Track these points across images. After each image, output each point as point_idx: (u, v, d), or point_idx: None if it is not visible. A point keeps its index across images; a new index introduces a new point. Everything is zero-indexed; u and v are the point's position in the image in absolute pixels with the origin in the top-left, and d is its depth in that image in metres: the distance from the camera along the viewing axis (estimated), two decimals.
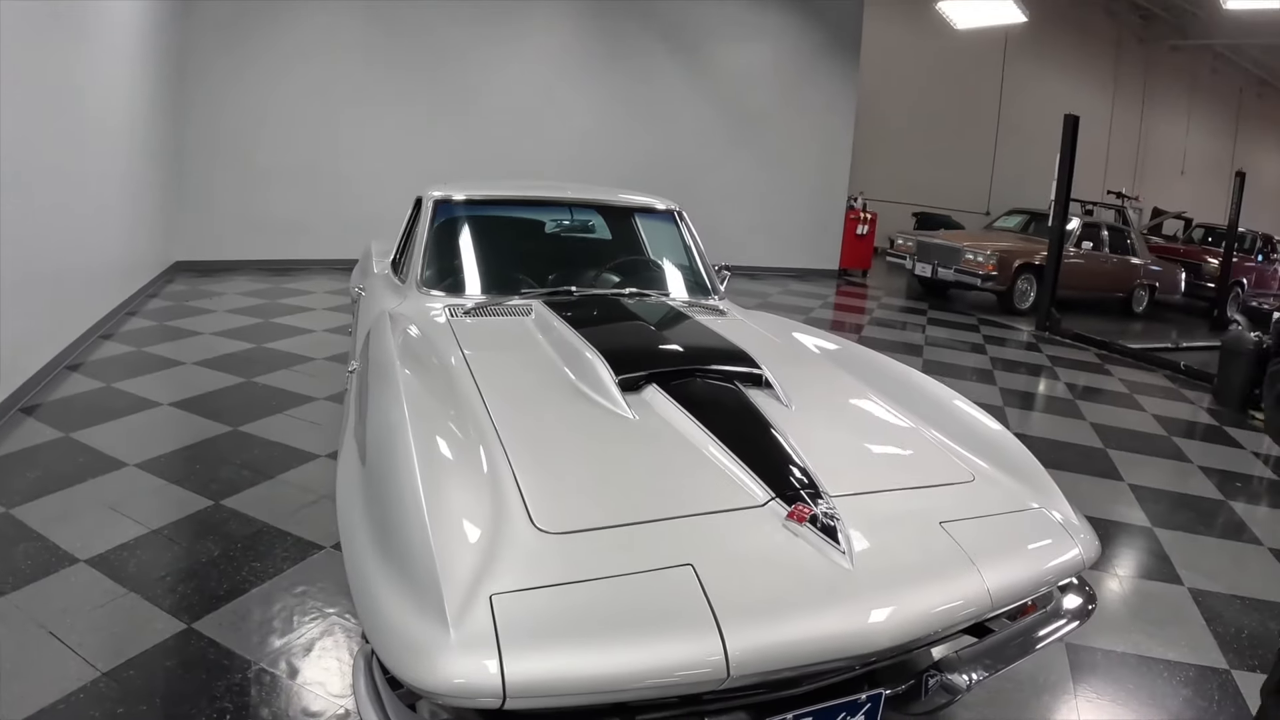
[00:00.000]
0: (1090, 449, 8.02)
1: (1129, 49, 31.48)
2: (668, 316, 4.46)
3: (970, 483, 3.05)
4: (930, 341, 12.23)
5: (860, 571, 2.35)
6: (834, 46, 17.83)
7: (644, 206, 5.67)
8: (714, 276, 5.45)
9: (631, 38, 15.47)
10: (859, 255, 18.44)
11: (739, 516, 2.53)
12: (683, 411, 3.08)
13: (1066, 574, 2.80)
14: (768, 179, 17.18)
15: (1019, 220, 18.56)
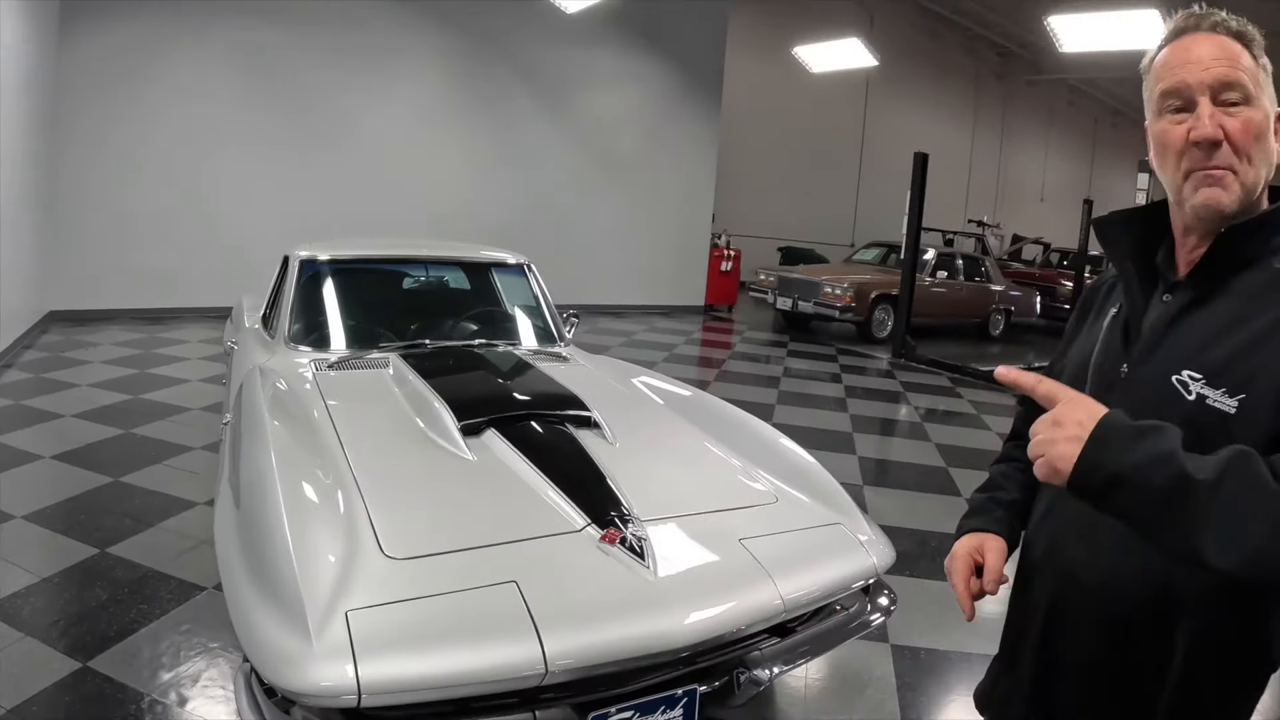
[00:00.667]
0: (932, 468, 8.45)
1: (988, 84, 32.62)
2: (512, 365, 4.84)
3: (773, 504, 3.50)
4: (789, 373, 12.61)
5: (663, 583, 2.78)
6: (697, 89, 18.29)
7: (496, 261, 6.04)
8: (560, 324, 5.81)
9: (500, 83, 15.65)
10: (724, 291, 18.84)
11: (559, 540, 2.95)
12: (516, 452, 3.49)
13: (857, 580, 3.25)
14: (635, 219, 17.47)
15: (877, 252, 19.20)
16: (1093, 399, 1.42)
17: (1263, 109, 1.55)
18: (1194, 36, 1.58)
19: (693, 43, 17.96)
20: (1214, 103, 1.54)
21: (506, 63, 15.65)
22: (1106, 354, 1.73)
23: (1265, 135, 1.55)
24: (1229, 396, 1.46)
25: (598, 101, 17.02)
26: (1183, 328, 1.59)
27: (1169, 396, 1.52)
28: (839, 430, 9.51)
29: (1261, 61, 1.58)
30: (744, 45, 21.27)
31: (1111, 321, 1.77)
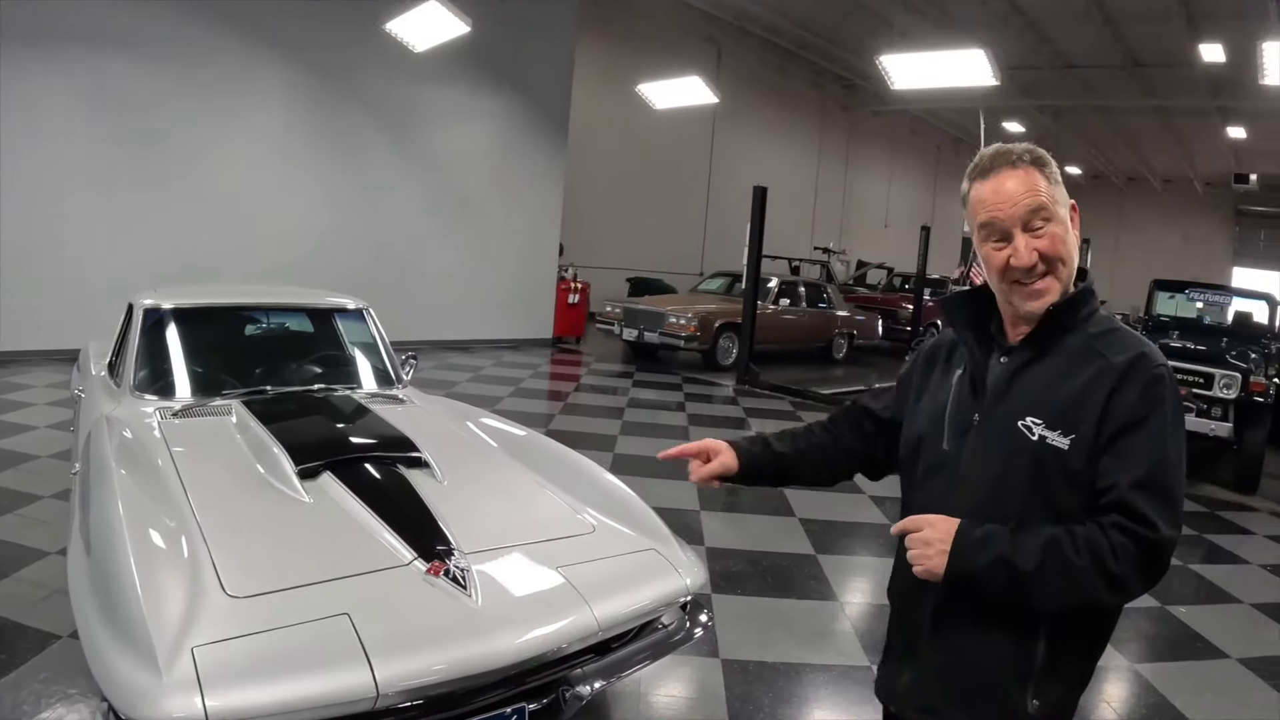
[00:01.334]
0: (768, 491, 8.62)
1: (833, 115, 33.52)
2: (349, 410, 5.04)
3: (591, 534, 3.82)
4: (634, 403, 12.84)
5: (485, 610, 3.06)
6: (544, 124, 18.48)
7: (336, 307, 6.23)
8: (398, 367, 6.02)
9: (349, 118, 15.55)
10: (571, 323, 19.00)
11: (388, 574, 3.22)
12: (350, 493, 3.73)
13: (669, 600, 3.59)
14: (483, 252, 17.54)
15: (722, 282, 19.65)
16: (944, 516, 1.96)
17: (1063, 219, 2.01)
18: (1000, 174, 2.02)
19: (540, 79, 18.17)
20: (1025, 230, 1.99)
21: (356, 98, 15.59)
22: (959, 405, 2.16)
23: (1067, 237, 2.01)
24: (1063, 436, 1.95)
25: (446, 137, 17.07)
26: (1021, 383, 2.05)
27: (1017, 437, 2.00)
28: None
29: (1056, 178, 2.04)
30: (591, 79, 21.57)
31: (960, 378, 2.19)
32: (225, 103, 14.02)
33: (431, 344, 15.52)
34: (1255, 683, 5.55)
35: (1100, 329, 2.05)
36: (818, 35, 26.13)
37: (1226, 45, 21.03)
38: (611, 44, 23.20)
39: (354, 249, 15.44)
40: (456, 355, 15.63)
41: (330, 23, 14.79)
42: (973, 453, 2.08)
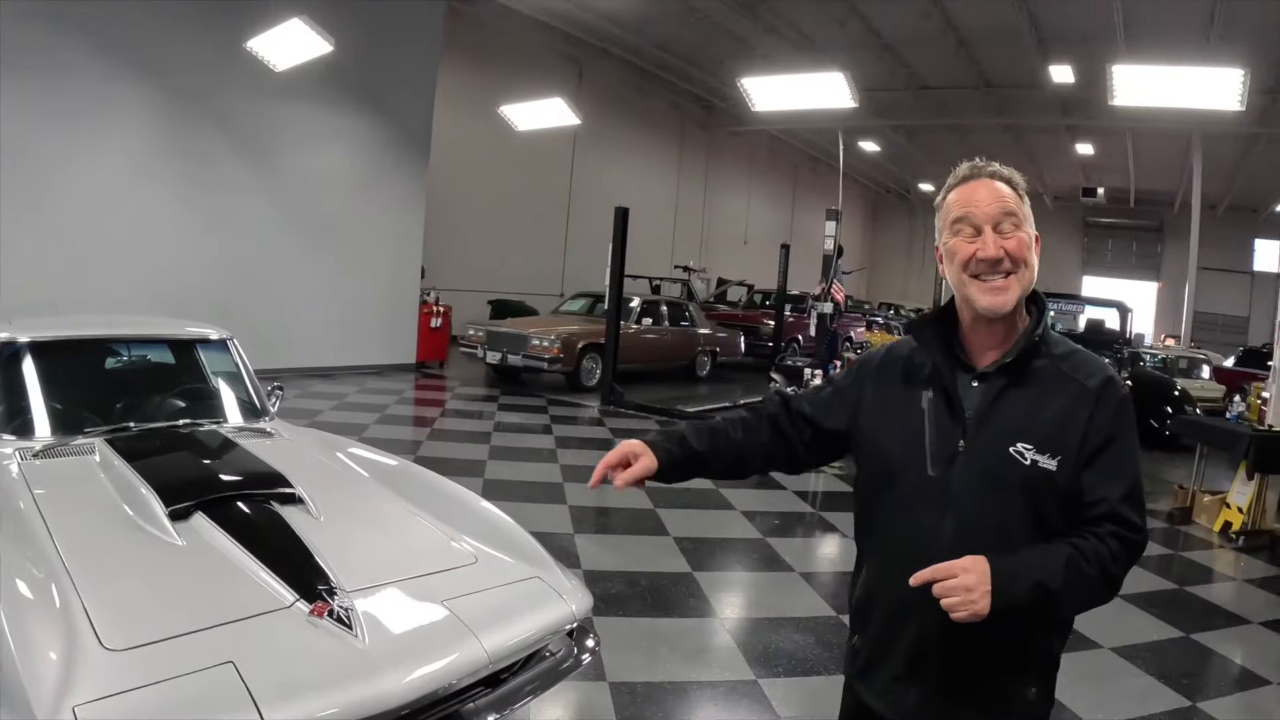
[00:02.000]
0: (641, 511, 8.82)
1: (693, 135, 33.84)
2: (217, 445, 4.88)
3: (472, 565, 3.77)
4: (501, 427, 12.80)
5: (372, 649, 3.00)
6: (405, 146, 18.24)
7: (198, 337, 6.03)
8: (264, 398, 5.87)
9: (209, 140, 15.04)
10: (435, 348, 18.82)
11: (270, 618, 3.10)
12: (224, 534, 3.59)
13: (559, 627, 3.58)
14: (345, 277, 17.17)
15: (584, 303, 19.77)
16: (972, 558, 1.99)
17: (1028, 234, 2.20)
18: (978, 182, 2.23)
19: (402, 100, 17.93)
20: (994, 231, 2.16)
21: (217, 119, 15.13)
22: (939, 434, 2.23)
23: (1031, 250, 2.20)
24: (1051, 458, 2.10)
25: (308, 159, 16.71)
26: (1003, 408, 2.17)
27: (1009, 462, 2.12)
28: (550, 481, 9.80)
29: (1026, 200, 2.25)
30: (454, 101, 21.35)
31: (931, 401, 2.26)
32: (82, 122, 13.45)
33: (294, 372, 15.17)
34: (1129, 669, 5.87)
35: (1061, 350, 2.24)
36: (678, 56, 26.40)
37: (1075, 66, 21.83)
38: (473, 65, 23.06)
39: (215, 275, 14.94)
40: (320, 383, 15.34)
41: (192, 41, 14.33)
42: (963, 479, 2.17)
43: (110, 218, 13.77)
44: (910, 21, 21.20)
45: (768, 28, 22.08)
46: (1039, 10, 19.94)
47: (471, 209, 24.04)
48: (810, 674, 5.45)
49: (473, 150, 23.62)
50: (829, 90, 14.79)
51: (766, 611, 6.50)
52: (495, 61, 23.83)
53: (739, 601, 6.75)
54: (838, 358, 13.28)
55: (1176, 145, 28.15)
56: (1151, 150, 30.67)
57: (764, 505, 9.59)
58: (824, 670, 5.50)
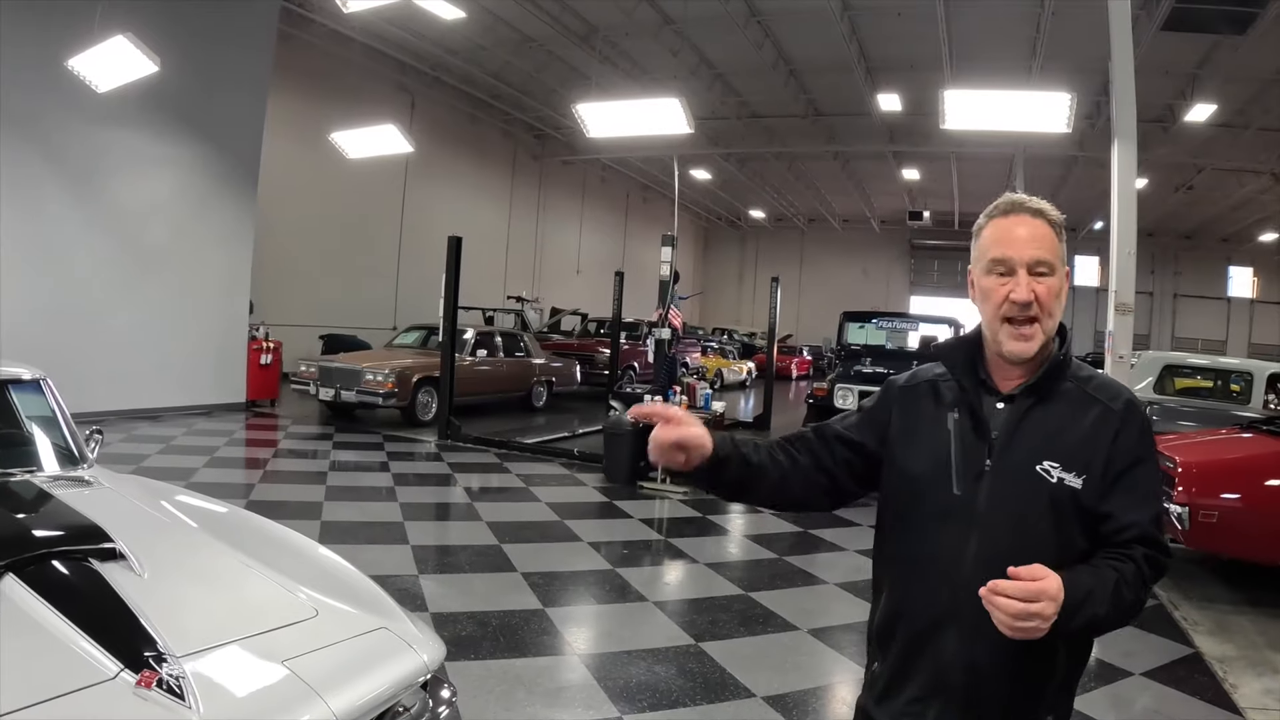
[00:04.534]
0: (486, 547, 8.66)
1: (524, 164, 34.00)
2: (30, 497, 4.45)
3: (314, 619, 3.44)
4: (336, 466, 12.47)
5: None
6: (234, 174, 17.66)
7: (8, 378, 5.47)
8: (82, 444, 5.39)
9: (23, 166, 14.14)
10: (266, 385, 18.23)
11: (91, 693, 2.71)
12: (37, 598, 3.18)
13: (412, 680, 3.31)
14: (170, 314, 16.42)
15: (418, 335, 19.51)
16: (1054, 585, 1.93)
17: (1060, 277, 2.22)
18: (1017, 218, 2.23)
19: (230, 126, 17.33)
20: (1030, 273, 2.17)
21: (30, 143, 14.26)
22: (965, 450, 2.24)
23: (1062, 294, 2.23)
24: (1076, 477, 2.14)
25: (131, 187, 15.93)
26: (1030, 428, 2.20)
27: (1036, 480, 2.15)
28: (390, 521, 9.50)
29: (1063, 239, 2.27)
30: (283, 129, 20.80)
31: (957, 422, 2.28)
32: None
33: (118, 414, 14.46)
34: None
35: (1084, 374, 2.29)
36: (511, 85, 26.61)
37: (903, 95, 22.45)
38: (304, 92, 22.65)
39: (29, 309, 13.97)
40: (145, 425, 14.64)
41: (8, 60, 13.58)
42: (989, 498, 2.19)
43: None
44: (742, 52, 21.60)
45: (601, 57, 22.19)
46: (868, 42, 20.54)
47: (301, 241, 23.53)
48: (675, 706, 5.35)
49: (302, 180, 23.15)
50: (664, 116, 14.86)
51: (624, 644, 6.35)
52: (326, 89, 23.53)
53: (594, 635, 6.61)
54: (676, 382, 13.24)
55: (1000, 169, 29.18)
56: (975, 174, 31.81)
57: (610, 535, 9.52)
58: (689, 701, 5.42)
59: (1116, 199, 10.72)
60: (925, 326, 15.81)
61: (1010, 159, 26.65)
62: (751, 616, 7.17)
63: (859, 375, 12.92)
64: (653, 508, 10.93)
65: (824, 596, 7.90)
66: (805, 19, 19.39)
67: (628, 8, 19.44)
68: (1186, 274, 42.53)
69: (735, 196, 41.60)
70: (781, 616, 7.19)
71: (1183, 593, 8.20)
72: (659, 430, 2.21)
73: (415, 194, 27.85)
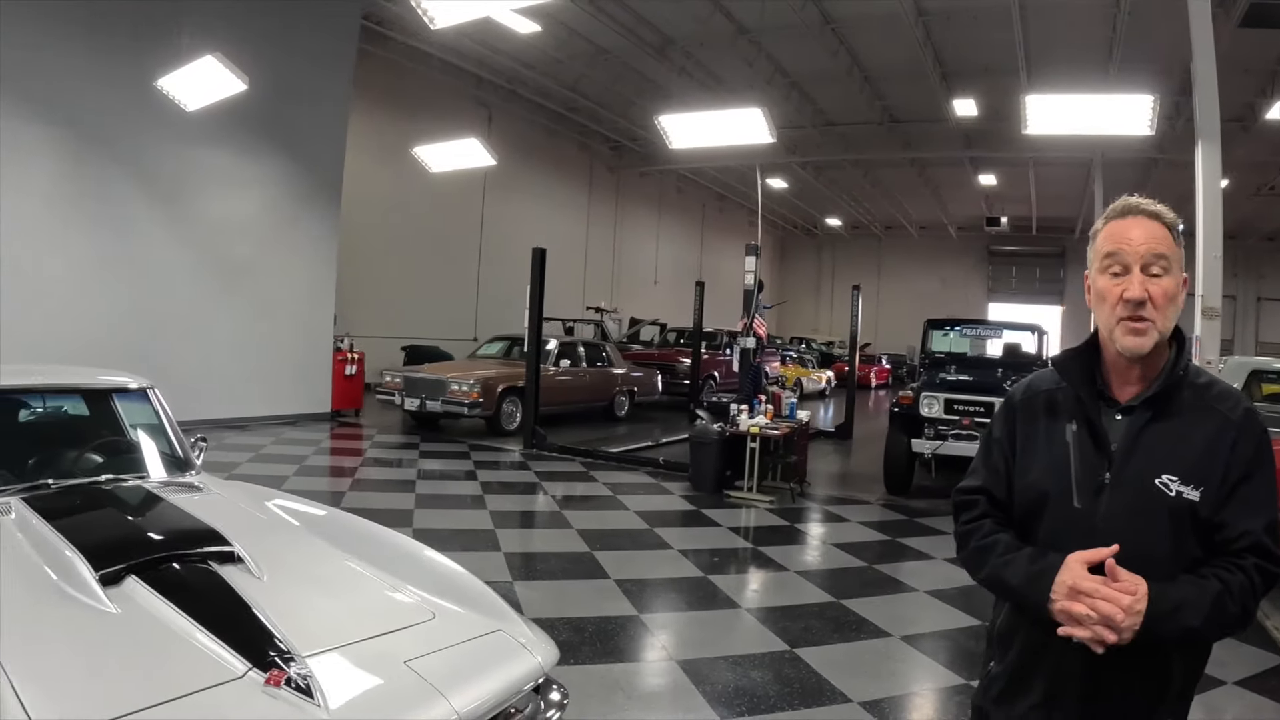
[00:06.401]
0: (577, 554, 8.69)
1: (601, 176, 34.11)
2: (144, 502, 4.53)
3: (431, 621, 3.49)
4: (424, 475, 12.55)
5: (333, 717, 2.72)
6: (317, 189, 17.96)
7: (117, 387, 5.62)
8: (189, 451, 5.49)
9: (114, 184, 14.51)
10: (350, 396, 18.49)
11: (222, 691, 2.77)
12: (162, 599, 3.24)
13: (526, 683, 3.33)
14: (256, 326, 16.74)
15: (500, 346, 19.63)
16: (1139, 592, 2.04)
17: (1176, 279, 2.23)
18: (1133, 220, 2.27)
19: (313, 143, 17.66)
20: (1143, 272, 2.20)
21: (124, 161, 14.63)
22: (1085, 463, 2.28)
23: (1177, 297, 2.23)
24: (1194, 490, 2.15)
25: (218, 203, 16.29)
26: (1148, 440, 2.22)
27: (1155, 493, 2.18)
28: (481, 528, 9.57)
29: (1179, 242, 2.27)
30: (363, 144, 21.05)
31: (1076, 434, 2.32)
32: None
33: (207, 423, 14.49)
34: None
35: (1202, 381, 2.30)
36: (587, 98, 26.65)
37: (979, 99, 22.18)
38: (383, 109, 22.92)
39: (123, 323, 14.39)
40: (233, 434, 14.88)
41: (101, 80, 13.92)
42: (1109, 511, 2.23)
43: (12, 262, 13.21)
44: (817, 60, 21.54)
45: (677, 68, 22.26)
46: (943, 47, 20.32)
47: (382, 254, 23.75)
48: (773, 710, 5.34)
49: (382, 194, 23.41)
50: (746, 126, 14.87)
51: (719, 650, 6.33)
52: (405, 105, 23.82)
53: (689, 641, 6.59)
54: (761, 392, 13.20)
55: (1077, 173, 28.84)
56: (1053, 179, 31.48)
57: (699, 543, 9.52)
58: (786, 706, 5.41)
59: (1201, 201, 10.51)
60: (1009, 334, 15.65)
61: (1089, 163, 26.32)
62: (844, 623, 7.14)
63: (944, 384, 12.79)
64: (740, 516, 10.91)
65: (914, 604, 7.83)
66: (879, 25, 19.31)
67: (703, 17, 19.44)
68: (1270, 277, 41.48)
69: (812, 205, 41.42)
70: (873, 623, 7.14)
71: (1274, 603, 8.06)
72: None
73: (493, 207, 28.04)
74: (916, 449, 12.30)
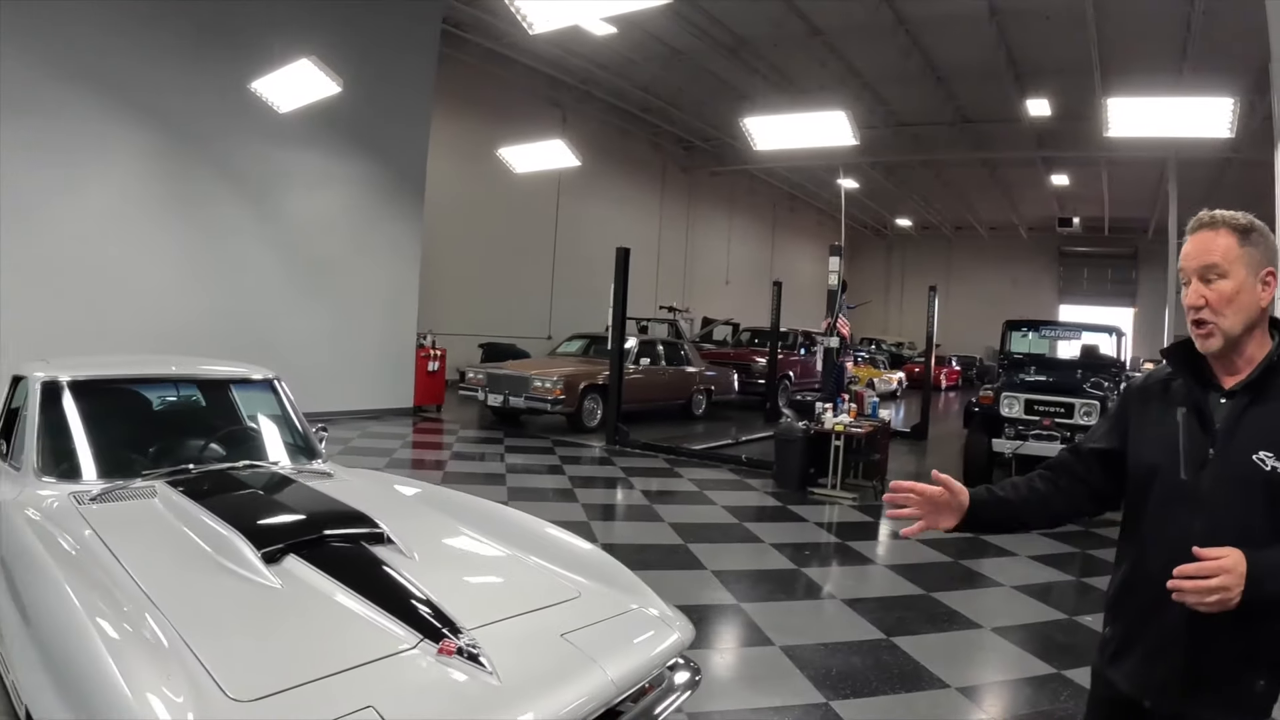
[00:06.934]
0: (672, 546, 8.86)
1: (673, 176, 34.06)
2: (287, 487, 4.68)
3: (578, 598, 3.68)
4: (512, 469, 12.72)
5: (508, 686, 2.89)
6: (401, 189, 18.26)
7: (244, 377, 5.86)
8: (314, 439, 5.71)
9: (204, 183, 14.89)
10: (432, 391, 18.72)
11: (398, 660, 2.95)
12: (324, 576, 3.41)
13: (671, 656, 3.52)
14: (341, 322, 17.10)
15: (580, 344, 19.77)
16: (1232, 558, 2.19)
17: (1236, 280, 2.39)
18: (1194, 236, 2.47)
19: (397, 144, 17.96)
20: (1200, 279, 2.42)
21: (214, 162, 15.01)
22: (1191, 440, 2.47)
23: (1237, 296, 2.39)
24: None
25: (305, 202, 16.67)
26: (1248, 421, 2.41)
27: (1252, 469, 2.35)
28: (575, 520, 9.71)
29: (1255, 242, 2.43)
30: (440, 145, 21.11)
31: (1185, 415, 2.51)
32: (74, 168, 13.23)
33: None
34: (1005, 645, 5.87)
35: None
36: (659, 98, 26.68)
37: (1052, 99, 22.01)
38: (459, 110, 23.03)
39: (212, 318, 14.74)
40: None
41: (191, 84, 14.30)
42: (1212, 483, 2.41)
43: (106, 260, 13.60)
44: (890, 61, 21.47)
45: (750, 69, 22.29)
46: (1016, 46, 20.18)
47: (458, 253, 23.98)
48: (875, 694, 5.50)
49: (459, 195, 23.61)
50: (829, 129, 14.96)
51: (819, 637, 6.47)
52: (481, 107, 24.04)
53: (790, 629, 6.65)
54: (844, 391, 13.30)
55: (1151, 173, 28.45)
56: (1126, 178, 31.06)
57: (788, 537, 9.64)
58: (888, 690, 5.57)
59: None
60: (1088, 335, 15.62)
61: (1163, 162, 26.05)
62: (935, 615, 7.24)
63: (1024, 384, 12.85)
64: (825, 512, 10.99)
65: (1001, 598, 7.87)
66: (953, 25, 19.18)
67: (778, 19, 19.42)
68: None
69: (882, 205, 41.10)
70: (964, 615, 7.24)
71: None
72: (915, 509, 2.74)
73: (567, 207, 28.23)
74: (997, 448, 12.34)
